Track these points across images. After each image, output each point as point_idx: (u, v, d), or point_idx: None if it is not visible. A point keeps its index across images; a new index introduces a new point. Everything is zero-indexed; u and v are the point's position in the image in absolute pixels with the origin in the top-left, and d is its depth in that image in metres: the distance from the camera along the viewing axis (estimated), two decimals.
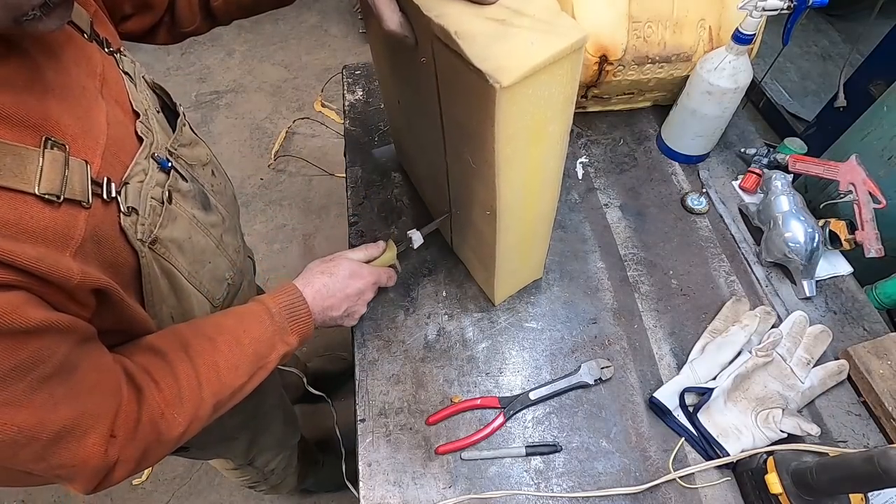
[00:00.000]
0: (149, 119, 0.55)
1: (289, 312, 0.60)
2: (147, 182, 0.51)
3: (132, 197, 0.49)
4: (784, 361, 0.72)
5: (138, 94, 0.56)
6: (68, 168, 0.42)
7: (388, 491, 0.65)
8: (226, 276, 0.67)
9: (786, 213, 0.80)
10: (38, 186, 0.39)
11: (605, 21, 0.86)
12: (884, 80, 1.50)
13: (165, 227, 0.53)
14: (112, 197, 0.46)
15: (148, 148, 0.53)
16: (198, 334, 0.55)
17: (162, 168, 0.54)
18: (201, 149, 0.65)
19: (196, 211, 0.59)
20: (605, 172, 0.96)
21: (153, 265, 0.52)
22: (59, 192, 0.41)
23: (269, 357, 0.58)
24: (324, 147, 2.21)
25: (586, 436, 0.69)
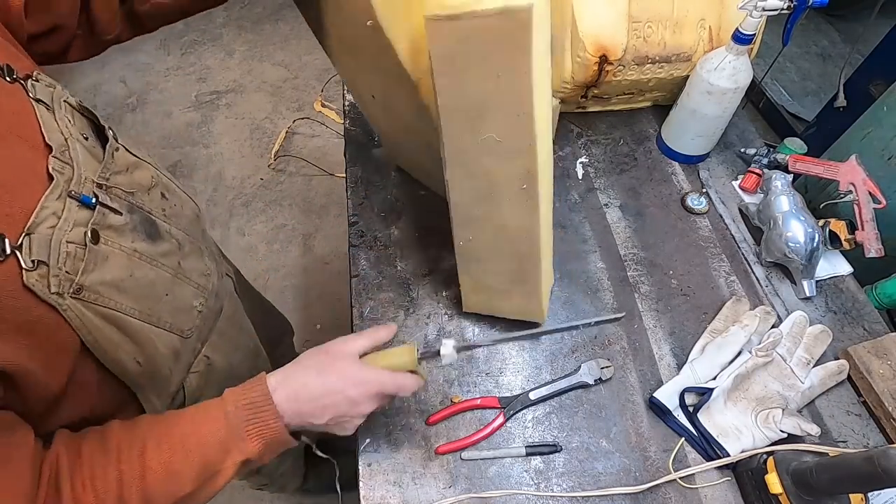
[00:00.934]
0: (68, 151, 0.48)
1: (249, 413, 0.51)
2: (60, 226, 0.44)
3: (38, 248, 0.42)
4: (784, 361, 0.72)
5: (56, 122, 0.49)
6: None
7: (388, 491, 0.65)
8: (193, 304, 0.61)
9: (786, 213, 0.80)
10: None
11: (605, 21, 0.86)
12: (884, 80, 1.50)
13: (92, 272, 0.46)
14: (7, 254, 0.40)
15: (61, 186, 0.46)
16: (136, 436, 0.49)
17: (84, 205, 0.47)
18: (144, 172, 0.58)
19: (138, 244, 0.53)
20: (605, 172, 0.96)
21: (86, 315, 0.46)
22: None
23: (222, 464, 0.50)
24: (324, 147, 2.21)
25: (586, 436, 0.69)
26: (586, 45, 0.86)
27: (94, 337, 0.47)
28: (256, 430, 0.51)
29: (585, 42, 0.86)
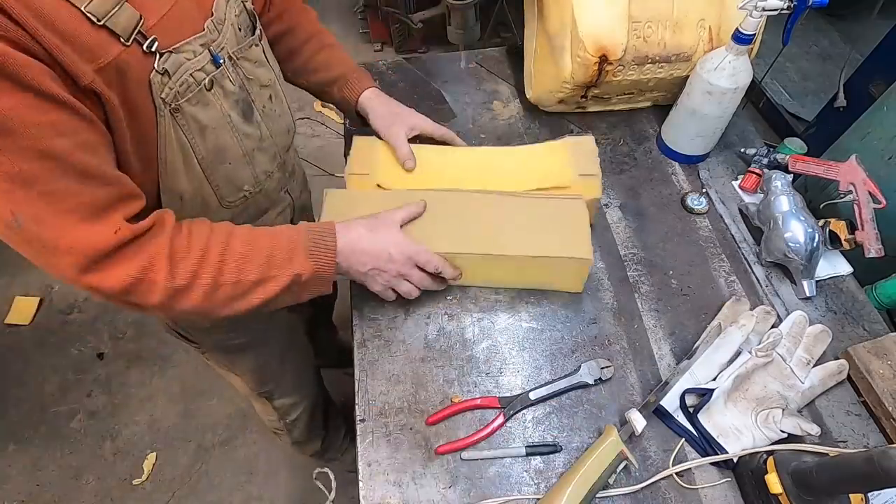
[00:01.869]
0: (223, 25, 0.62)
1: (315, 238, 0.64)
2: (193, 62, 0.58)
3: (171, 64, 0.55)
4: (784, 361, 0.72)
5: (225, 6, 0.63)
6: (119, 7, 0.49)
7: (388, 491, 0.65)
8: (244, 187, 0.72)
9: (786, 213, 0.80)
10: (86, 5, 0.46)
11: (605, 21, 0.86)
12: (884, 80, 1.50)
13: (193, 105, 0.59)
14: (151, 51, 0.53)
15: (206, 38, 0.60)
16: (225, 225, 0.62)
17: (213, 61, 0.61)
18: (265, 72, 0.72)
19: (233, 113, 0.65)
20: (605, 172, 0.96)
21: (171, 131, 0.58)
22: (101, 17, 0.47)
23: (280, 270, 0.61)
24: (324, 147, 2.21)
25: (586, 436, 0.69)
26: (586, 45, 0.86)
27: (165, 153, 0.60)
28: (316, 254, 0.63)
29: (585, 42, 0.86)
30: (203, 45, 0.59)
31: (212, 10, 0.61)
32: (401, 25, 2.44)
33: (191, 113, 0.60)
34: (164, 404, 1.67)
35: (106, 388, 1.70)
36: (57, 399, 1.68)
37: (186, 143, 0.61)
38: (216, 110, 0.63)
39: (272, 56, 0.76)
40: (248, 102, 0.68)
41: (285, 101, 0.79)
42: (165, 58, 0.55)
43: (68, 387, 1.70)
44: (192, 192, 0.65)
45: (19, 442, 1.60)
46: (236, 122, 0.66)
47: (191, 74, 0.58)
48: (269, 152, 0.75)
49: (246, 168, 0.71)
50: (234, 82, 0.65)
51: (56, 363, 1.75)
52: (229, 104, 0.65)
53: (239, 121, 0.67)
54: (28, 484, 1.54)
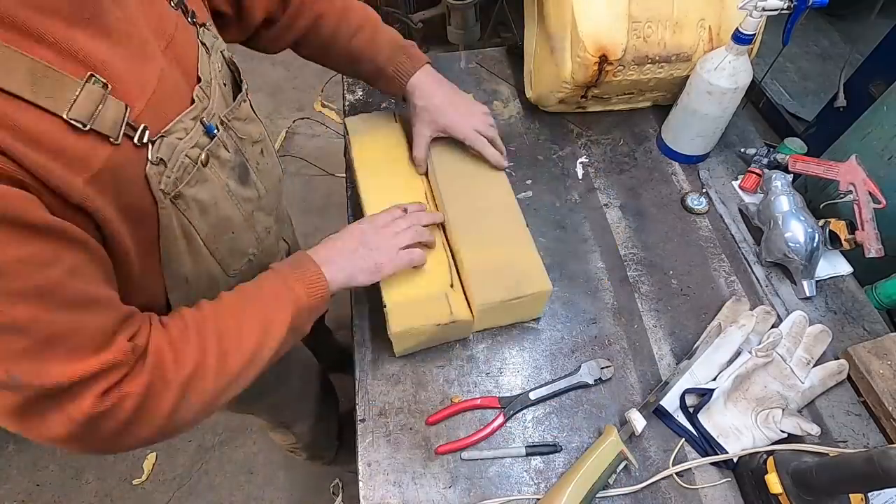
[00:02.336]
0: (211, 87, 0.58)
1: (291, 266, 0.62)
2: (186, 140, 0.53)
3: (165, 150, 0.51)
4: (784, 361, 0.72)
5: (209, 65, 0.58)
6: (104, 104, 0.44)
7: (388, 491, 0.65)
8: (248, 251, 0.68)
9: (786, 213, 0.80)
10: (68, 112, 0.42)
11: (605, 21, 0.86)
12: (884, 80, 1.50)
13: (192, 186, 0.55)
14: (143, 143, 0.48)
15: (198, 110, 0.55)
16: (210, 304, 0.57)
17: (207, 133, 0.56)
18: (255, 127, 0.68)
19: (231, 181, 0.61)
20: (605, 172, 0.96)
21: (173, 220, 0.54)
22: (86, 121, 0.43)
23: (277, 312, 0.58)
24: (324, 147, 2.21)
25: (586, 436, 0.69)
26: (586, 45, 0.86)
27: (168, 243, 0.55)
28: (300, 276, 0.60)
29: (585, 42, 0.86)
30: (194, 119, 0.54)
31: (198, 75, 0.56)
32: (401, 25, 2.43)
33: (191, 195, 0.55)
34: None
35: None
36: None
37: (189, 226, 0.56)
38: (215, 185, 0.58)
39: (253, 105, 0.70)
40: (243, 165, 0.64)
41: (274, 150, 0.74)
42: (158, 145, 0.50)
43: None
44: (196, 272, 0.61)
45: (19, 442, 1.60)
46: (234, 190, 0.62)
47: (186, 155, 0.53)
48: (267, 208, 0.71)
49: (248, 232, 0.67)
50: (230, 148, 0.60)
51: None
52: (226, 173, 0.60)
53: (237, 187, 0.62)
54: (28, 484, 1.54)
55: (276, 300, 0.58)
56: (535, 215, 0.89)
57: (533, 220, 0.89)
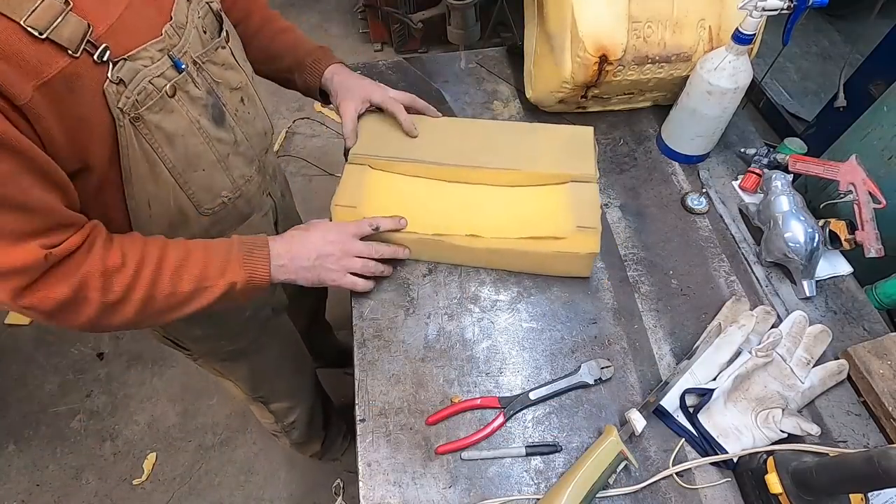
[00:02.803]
0: (184, 30, 0.60)
1: (249, 248, 0.66)
2: (151, 69, 0.56)
3: (126, 72, 0.53)
4: (784, 361, 0.72)
5: (187, 10, 0.61)
6: (63, 19, 0.47)
7: (388, 491, 0.65)
8: (222, 193, 0.71)
9: (786, 213, 0.80)
10: (25, 19, 0.44)
11: (605, 21, 0.86)
12: (884, 80, 1.50)
13: (156, 113, 0.58)
14: (103, 61, 0.51)
15: (165, 43, 0.57)
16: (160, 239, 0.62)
17: (175, 67, 0.59)
18: (235, 74, 0.70)
19: (203, 119, 0.64)
20: (605, 172, 0.96)
21: (133, 141, 0.57)
22: (42, 30, 0.45)
23: (215, 281, 0.62)
24: (324, 147, 2.21)
25: (586, 436, 0.69)
26: (586, 45, 0.86)
27: (129, 162, 0.58)
28: (250, 264, 0.65)
29: (585, 42, 0.86)
30: (161, 51, 0.57)
31: (171, 14, 0.59)
32: (401, 25, 2.44)
33: (153, 121, 0.58)
34: (164, 404, 1.67)
35: (106, 388, 1.70)
36: (57, 399, 1.68)
37: (152, 152, 0.59)
38: (182, 117, 0.61)
39: (243, 57, 0.74)
40: (218, 107, 0.66)
41: (260, 102, 0.77)
42: (119, 66, 0.53)
43: (68, 387, 1.70)
44: (163, 199, 0.64)
45: (19, 442, 1.60)
46: (206, 128, 0.64)
47: (150, 81, 0.56)
48: (247, 156, 0.74)
49: (222, 174, 0.70)
50: (201, 87, 0.63)
51: (56, 363, 1.75)
52: (197, 110, 0.63)
53: (210, 126, 0.65)
54: (28, 484, 1.54)
55: (217, 271, 0.63)
56: None
57: None
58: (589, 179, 0.82)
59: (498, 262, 0.81)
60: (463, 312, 0.79)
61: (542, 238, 0.77)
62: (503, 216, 0.81)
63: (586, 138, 0.87)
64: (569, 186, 0.82)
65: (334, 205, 0.81)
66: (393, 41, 2.53)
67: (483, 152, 0.85)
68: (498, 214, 0.81)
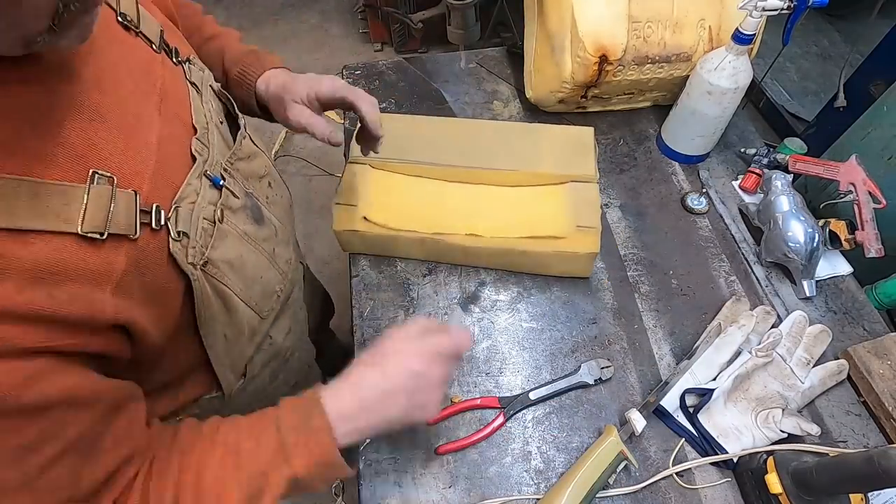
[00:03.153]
0: (208, 134, 0.53)
1: (297, 432, 0.48)
2: (199, 202, 0.48)
3: (183, 221, 0.46)
4: (784, 361, 0.72)
5: (202, 106, 0.54)
6: (114, 202, 0.39)
7: (387, 491, 0.65)
8: (276, 288, 0.64)
9: (786, 213, 0.80)
10: (81, 226, 0.37)
11: (605, 21, 0.86)
12: (884, 80, 1.50)
13: (217, 248, 0.51)
14: (161, 224, 0.44)
15: (201, 166, 0.50)
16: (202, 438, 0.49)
17: (214, 185, 0.52)
18: (260, 160, 0.63)
19: (248, 226, 0.57)
20: (605, 172, 0.96)
21: (206, 287, 0.50)
22: (102, 230, 0.38)
23: (268, 480, 0.47)
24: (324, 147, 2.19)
25: (586, 436, 0.69)
26: (586, 45, 0.86)
27: (203, 308, 0.51)
28: (306, 450, 0.47)
29: (585, 42, 0.86)
30: (199, 177, 0.49)
31: (193, 125, 0.51)
32: (401, 25, 2.44)
33: (219, 258, 0.51)
34: None
35: None
36: None
37: (224, 288, 0.52)
38: (235, 236, 0.54)
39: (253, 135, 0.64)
40: (255, 206, 0.59)
41: (279, 176, 0.70)
42: (174, 219, 0.45)
43: None
44: (232, 325, 0.57)
45: None
46: (252, 234, 0.57)
47: (203, 218, 0.49)
48: (285, 240, 0.67)
49: (273, 271, 0.63)
50: (238, 193, 0.55)
51: None
52: (241, 220, 0.56)
53: (253, 230, 0.58)
54: None
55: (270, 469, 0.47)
56: None
57: None
58: (589, 180, 0.82)
59: (498, 262, 0.81)
60: (463, 312, 0.79)
61: (541, 238, 0.77)
62: (503, 216, 0.81)
63: (586, 139, 0.87)
64: (569, 186, 0.82)
65: (335, 203, 0.80)
66: (393, 41, 2.53)
67: (483, 153, 0.85)
68: (498, 214, 0.81)
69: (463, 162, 0.84)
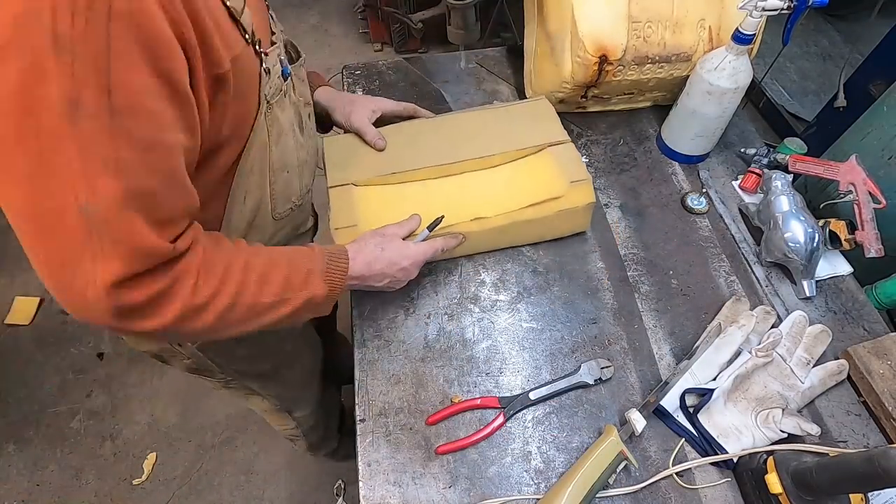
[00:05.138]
0: (279, 42, 0.64)
1: (331, 261, 0.63)
2: (276, 68, 0.60)
3: (270, 63, 0.58)
4: (784, 361, 0.72)
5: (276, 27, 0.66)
6: (245, 7, 0.52)
7: (388, 491, 0.65)
8: (292, 198, 0.73)
9: (786, 213, 0.80)
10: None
11: (605, 21, 0.86)
12: (884, 80, 1.50)
13: (279, 107, 0.62)
14: (259, 51, 0.56)
15: (279, 50, 0.62)
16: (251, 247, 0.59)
17: (283, 73, 0.63)
18: (306, 91, 0.75)
19: (296, 124, 0.68)
20: (605, 172, 0.96)
21: (264, 128, 0.60)
22: (239, 12, 0.51)
23: (298, 292, 0.59)
24: None
25: (586, 436, 0.69)
26: (586, 45, 0.86)
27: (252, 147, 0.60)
28: (331, 278, 0.63)
29: (585, 42, 0.86)
30: (278, 56, 0.62)
31: (271, 28, 0.64)
32: (401, 25, 2.44)
33: (276, 115, 0.62)
34: (164, 404, 1.67)
35: (106, 388, 1.70)
36: (57, 399, 1.68)
37: (268, 143, 0.62)
38: (288, 117, 0.65)
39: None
40: (300, 116, 0.71)
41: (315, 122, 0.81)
42: (264, 58, 0.58)
43: (68, 387, 1.70)
44: (255, 195, 0.65)
45: (19, 442, 1.60)
46: (297, 133, 0.68)
47: (278, 77, 0.61)
48: (310, 168, 0.77)
49: (297, 180, 0.72)
50: (292, 96, 0.68)
51: (56, 363, 1.74)
52: (292, 115, 0.67)
53: (298, 132, 0.69)
54: (28, 484, 1.54)
55: (299, 284, 0.60)
56: None
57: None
58: (564, 141, 0.85)
59: (505, 240, 0.83)
60: (463, 312, 0.79)
61: (542, 202, 0.79)
62: (499, 194, 0.82)
63: (546, 107, 0.91)
64: (549, 151, 0.85)
65: (333, 229, 0.77)
66: (393, 41, 2.53)
67: (457, 146, 0.85)
68: (494, 194, 0.82)
69: (440, 160, 0.83)
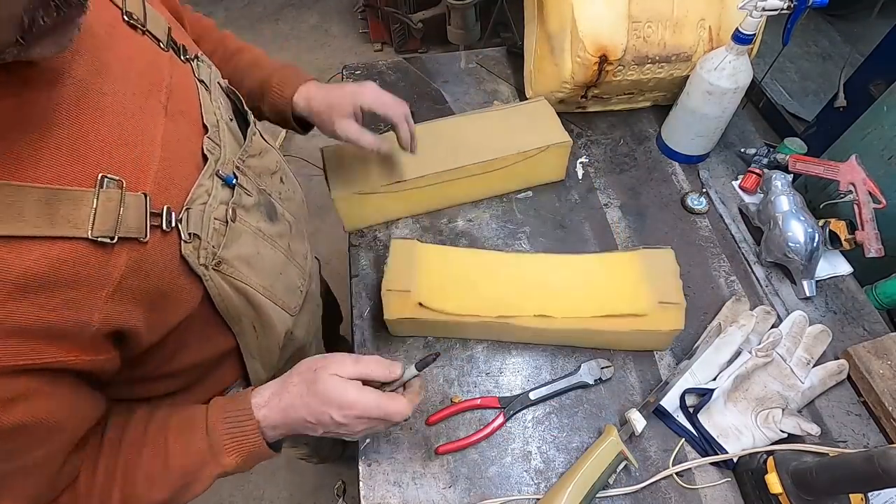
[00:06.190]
0: (219, 132, 0.53)
1: (229, 430, 0.51)
2: (210, 203, 0.48)
3: (194, 222, 0.46)
4: (784, 361, 0.72)
5: (211, 104, 0.53)
6: (123, 205, 0.39)
7: (388, 491, 0.65)
8: (298, 283, 0.65)
9: (786, 213, 0.80)
10: (91, 230, 0.37)
11: (605, 21, 0.86)
12: (884, 80, 1.50)
13: (230, 248, 0.51)
14: (172, 227, 0.44)
15: (213, 165, 0.50)
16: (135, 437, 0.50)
17: (226, 184, 0.51)
18: (271, 156, 0.63)
19: (262, 223, 0.57)
20: (605, 172, 0.96)
21: (223, 286, 0.50)
22: (112, 234, 0.38)
23: (198, 474, 0.50)
24: None
25: (586, 436, 0.69)
26: (586, 45, 0.86)
27: (226, 305, 0.52)
28: (235, 444, 0.51)
29: (585, 42, 0.86)
30: (211, 176, 0.49)
31: (204, 123, 0.51)
32: (401, 25, 2.44)
33: (233, 257, 0.51)
34: None
35: None
36: None
37: (243, 286, 0.53)
38: (248, 233, 0.54)
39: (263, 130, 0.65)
40: (269, 203, 0.59)
41: (289, 171, 0.70)
42: (185, 220, 0.45)
43: None
44: (261, 321, 0.58)
45: None
46: (266, 231, 0.57)
47: (215, 218, 0.49)
48: (299, 234, 0.67)
49: (292, 267, 0.63)
50: (251, 191, 0.55)
51: None
52: (255, 218, 0.56)
53: (268, 227, 0.58)
54: None
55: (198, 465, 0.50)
56: (535, 215, 0.89)
57: (533, 220, 0.89)
58: (564, 145, 0.86)
59: (566, 340, 0.76)
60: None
61: (621, 316, 0.70)
62: (572, 291, 0.73)
63: (546, 107, 0.91)
64: (641, 253, 0.75)
65: (385, 290, 0.71)
66: (393, 41, 2.53)
67: (458, 152, 0.84)
68: (566, 289, 0.73)
69: (446, 165, 0.82)
